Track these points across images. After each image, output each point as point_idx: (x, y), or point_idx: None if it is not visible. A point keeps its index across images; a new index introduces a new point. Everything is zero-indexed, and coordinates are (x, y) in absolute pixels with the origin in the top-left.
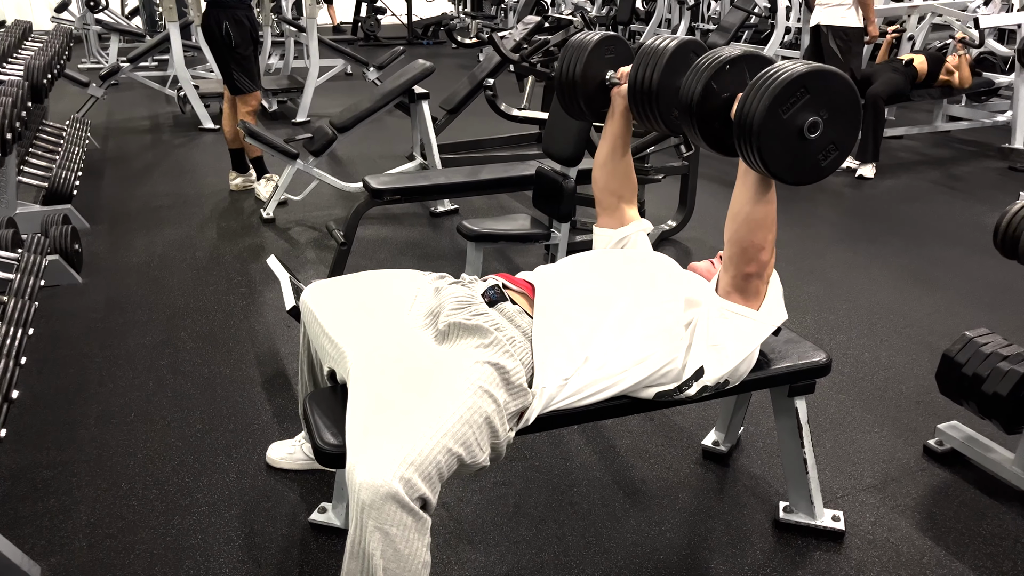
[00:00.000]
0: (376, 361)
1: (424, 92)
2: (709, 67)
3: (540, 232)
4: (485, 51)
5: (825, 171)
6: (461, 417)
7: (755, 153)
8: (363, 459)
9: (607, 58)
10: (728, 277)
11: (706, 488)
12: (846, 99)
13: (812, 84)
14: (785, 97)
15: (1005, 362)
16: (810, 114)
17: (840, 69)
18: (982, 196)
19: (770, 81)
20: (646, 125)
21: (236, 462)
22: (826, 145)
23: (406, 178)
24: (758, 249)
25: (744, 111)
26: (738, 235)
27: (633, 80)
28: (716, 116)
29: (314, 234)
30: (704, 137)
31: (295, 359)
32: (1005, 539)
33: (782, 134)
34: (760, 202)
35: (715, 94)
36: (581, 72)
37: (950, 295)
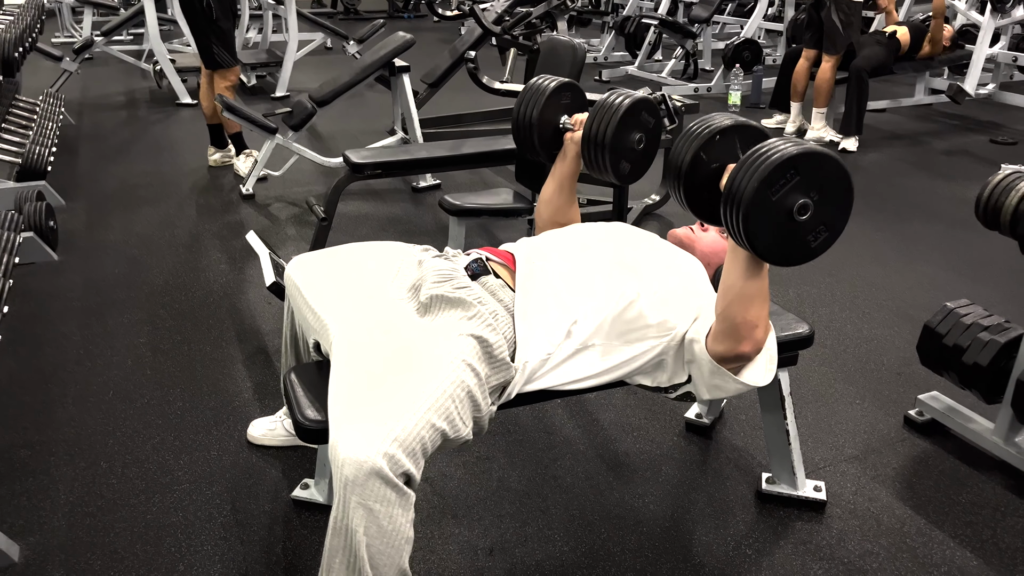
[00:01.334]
0: (358, 334)
1: (405, 65)
2: (699, 136)
3: (523, 206)
4: (467, 24)
5: (815, 252)
6: (445, 391)
7: (743, 233)
8: (346, 435)
9: (563, 103)
10: (720, 349)
11: (689, 461)
12: (838, 180)
13: (803, 166)
14: (775, 179)
15: (985, 332)
16: (800, 196)
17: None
18: (963, 169)
19: (760, 161)
20: (595, 173)
21: (217, 440)
22: (816, 226)
23: (387, 152)
24: (751, 327)
25: (733, 190)
26: (730, 311)
27: (588, 131)
28: (705, 186)
29: (294, 210)
30: (691, 206)
31: (276, 336)
32: (984, 508)
33: (771, 215)
34: (752, 278)
35: (704, 164)
36: (538, 116)
37: (931, 268)
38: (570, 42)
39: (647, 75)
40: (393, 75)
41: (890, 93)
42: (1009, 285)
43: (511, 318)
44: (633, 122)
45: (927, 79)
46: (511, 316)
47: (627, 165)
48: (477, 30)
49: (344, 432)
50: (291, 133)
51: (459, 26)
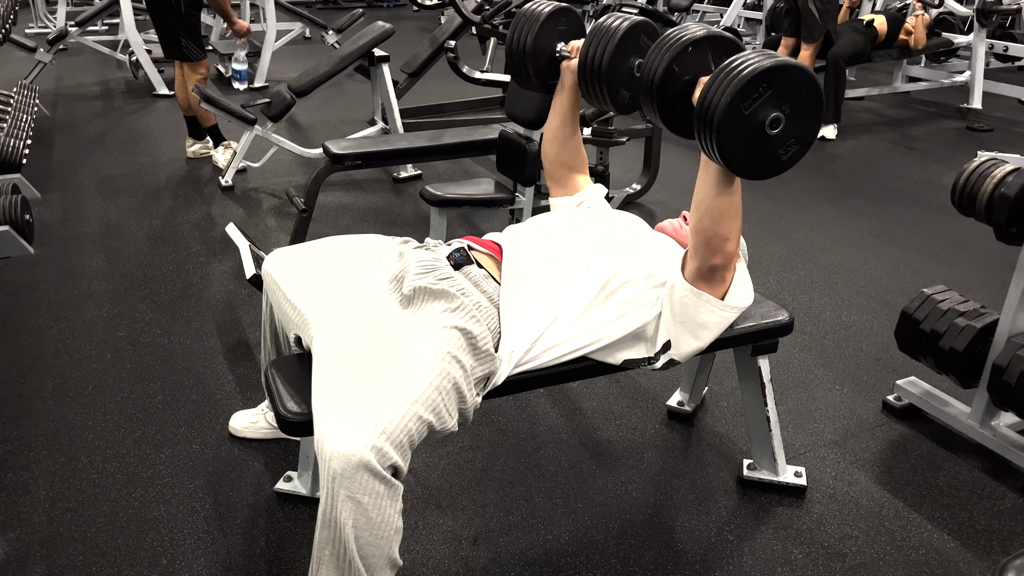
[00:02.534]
0: (340, 327)
1: (384, 55)
2: (671, 48)
3: (504, 196)
4: (447, 13)
5: (785, 165)
6: (431, 383)
7: (715, 147)
8: (333, 428)
9: (559, 30)
10: (694, 266)
11: (671, 448)
12: (809, 94)
13: (775, 79)
14: (747, 93)
15: (962, 318)
16: (772, 110)
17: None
18: (940, 156)
19: (732, 76)
20: (593, 103)
21: (199, 433)
22: (787, 139)
23: (367, 143)
24: (723, 240)
25: (705, 104)
26: (702, 225)
27: (583, 58)
28: (677, 99)
29: (274, 201)
30: (664, 119)
31: (257, 328)
32: (961, 490)
33: (743, 129)
34: (724, 192)
35: (677, 76)
36: (531, 43)
37: (909, 254)
38: None
39: None
40: (373, 65)
41: (868, 81)
42: (984, 270)
43: (495, 309)
44: (631, 46)
45: (904, 67)
46: (495, 307)
47: (626, 93)
48: (457, 20)
49: (330, 425)
50: (270, 124)
51: (438, 15)
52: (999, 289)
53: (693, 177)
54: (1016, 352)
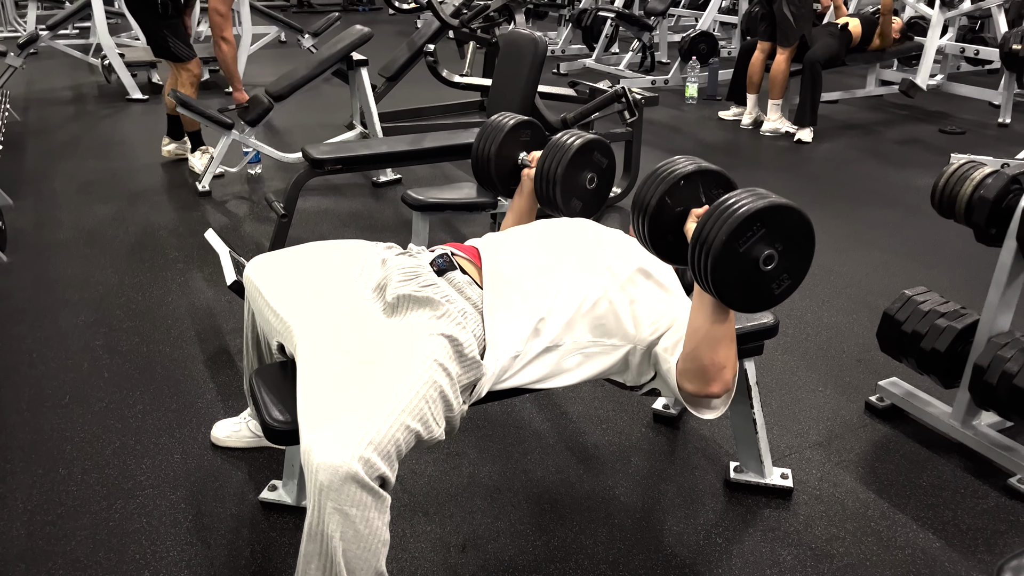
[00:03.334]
0: (325, 335)
1: (363, 59)
2: (664, 180)
3: (487, 200)
4: (423, 17)
5: (777, 299)
6: (417, 392)
7: (710, 282)
8: (320, 439)
9: (521, 141)
10: (689, 388)
11: (658, 451)
12: (801, 232)
13: (768, 219)
14: (742, 231)
15: (943, 319)
16: (766, 247)
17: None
18: (914, 158)
19: (727, 215)
20: (549, 208)
21: (180, 442)
22: (780, 275)
23: (347, 147)
24: (719, 368)
25: (701, 240)
26: (698, 353)
27: (540, 169)
28: (669, 229)
29: (252, 206)
30: (656, 248)
31: (238, 335)
32: (944, 490)
33: (738, 265)
34: (719, 321)
35: (669, 208)
36: (495, 152)
37: (888, 255)
38: (531, 36)
39: (604, 68)
40: (351, 69)
41: (842, 84)
42: (961, 271)
43: (480, 315)
44: (584, 161)
45: (878, 70)
46: (479, 313)
47: (578, 203)
48: (434, 23)
49: (317, 436)
50: (248, 128)
51: (414, 19)
52: (976, 289)
53: None
54: (997, 352)
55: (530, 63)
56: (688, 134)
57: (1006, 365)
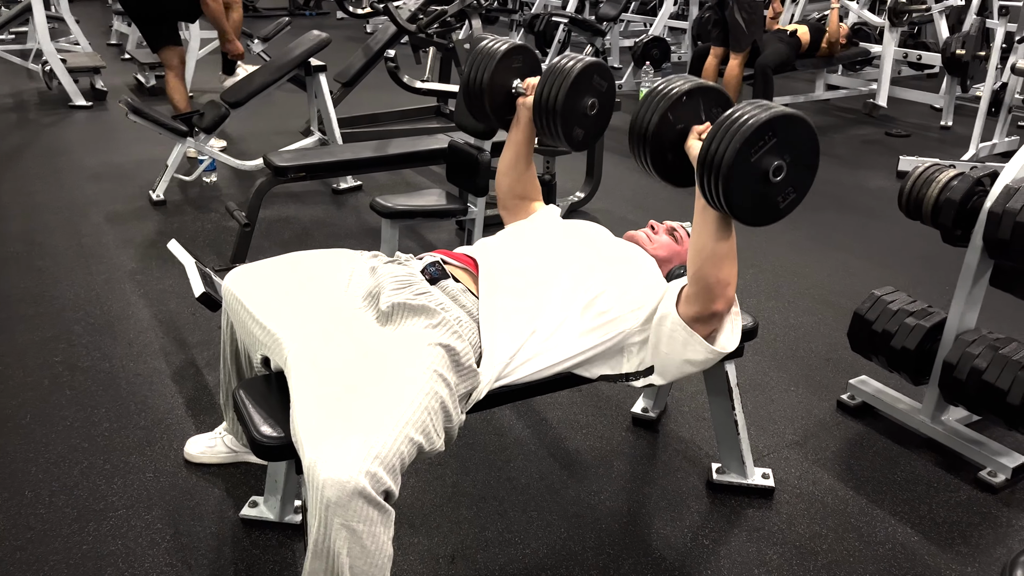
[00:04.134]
0: (318, 347)
1: (321, 64)
2: (666, 98)
3: (457, 207)
4: (372, 22)
5: (783, 212)
6: (420, 404)
7: (720, 194)
8: (325, 454)
9: (515, 67)
10: (693, 310)
11: (639, 455)
12: (808, 144)
13: (780, 128)
14: (754, 140)
15: (911, 318)
16: (775, 158)
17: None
18: (864, 161)
19: (740, 124)
20: (548, 140)
21: (152, 460)
22: (786, 188)
23: (310, 154)
24: (724, 285)
25: (711, 151)
26: (702, 272)
27: (539, 96)
28: (670, 148)
29: (211, 215)
30: (656, 167)
31: (204, 348)
32: (918, 484)
33: (748, 177)
34: (723, 238)
35: (670, 125)
36: (488, 80)
37: (846, 256)
38: None
39: None
40: (309, 75)
41: (791, 89)
42: (919, 270)
43: (475, 324)
44: (585, 86)
45: (825, 76)
46: (475, 322)
47: (580, 131)
48: (390, 28)
49: (322, 451)
50: (203, 136)
51: (363, 24)
52: (933, 288)
53: (633, 184)
54: (965, 350)
55: None
56: None
57: (975, 362)
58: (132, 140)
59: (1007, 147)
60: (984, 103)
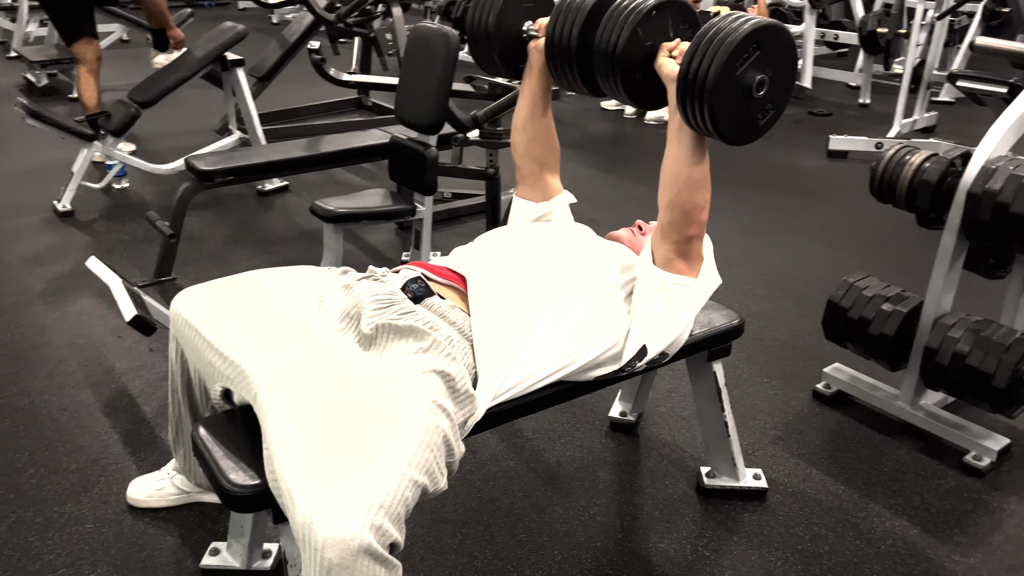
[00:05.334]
0: (294, 379)
1: (239, 58)
2: (635, 12)
3: (405, 207)
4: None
5: (762, 130)
6: (422, 441)
7: (704, 112)
8: (322, 509)
9: (525, 6)
10: (669, 244)
11: (623, 462)
12: (789, 56)
13: (764, 40)
14: (739, 54)
15: (888, 303)
16: (758, 72)
17: None
18: (794, 141)
19: (723, 37)
20: (564, 86)
21: (90, 508)
22: (765, 104)
23: (237, 156)
24: (700, 209)
25: (692, 68)
26: (679, 199)
27: (550, 37)
28: (639, 67)
29: (126, 226)
30: (625, 89)
31: (136, 375)
32: (906, 473)
33: (732, 93)
34: (698, 162)
35: (640, 43)
36: (495, 22)
37: (796, 239)
38: (442, 31)
39: None
40: (226, 70)
41: None
42: (868, 250)
43: (468, 342)
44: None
45: None
46: (467, 340)
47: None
48: (306, 18)
49: (318, 506)
50: (111, 139)
51: (268, 14)
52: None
53: (576, 175)
54: (946, 334)
55: (443, 60)
56: (574, 125)
57: (957, 346)
58: (29, 145)
59: (927, 123)
60: (906, 80)
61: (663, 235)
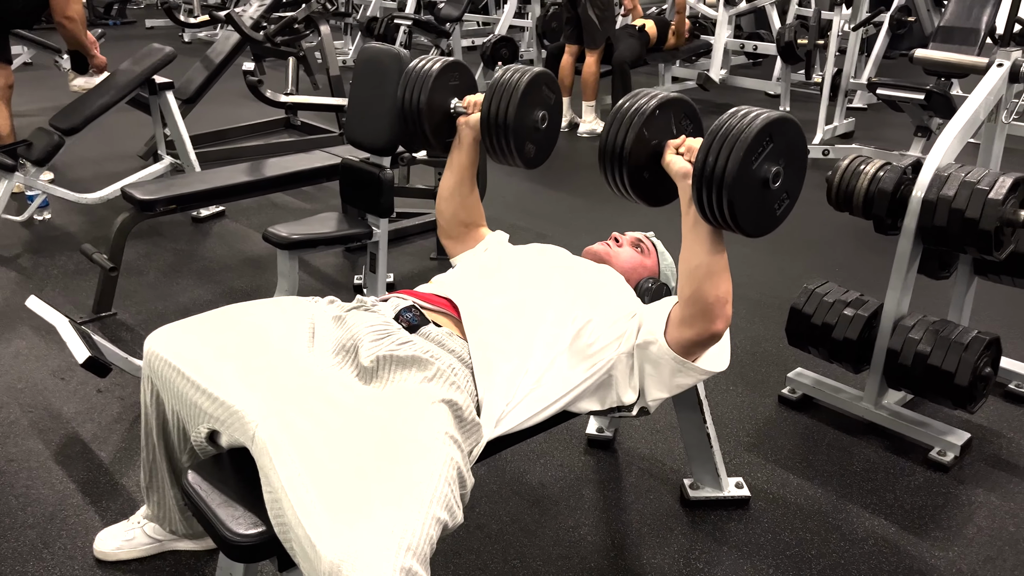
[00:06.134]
0: (297, 418)
1: (168, 81)
2: (639, 114)
3: (363, 231)
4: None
5: (779, 220)
6: (440, 476)
7: (723, 207)
8: (350, 554)
9: (451, 85)
10: (690, 335)
11: (605, 479)
12: (799, 146)
13: (776, 132)
14: (754, 149)
15: (849, 308)
16: (773, 164)
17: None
18: None
19: (736, 133)
20: (498, 159)
21: (55, 566)
22: (781, 194)
23: (177, 183)
24: (723, 303)
25: (708, 164)
26: (701, 292)
27: (486, 113)
28: (647, 166)
29: (55, 259)
30: (634, 189)
31: (86, 418)
32: (877, 472)
33: (750, 187)
34: (717, 253)
35: (645, 143)
36: (426, 101)
37: (739, 246)
38: (394, 51)
39: None
40: (154, 93)
41: (640, 84)
42: (810, 254)
43: (468, 370)
44: (534, 98)
45: (670, 68)
46: (467, 368)
47: (532, 147)
48: (231, 38)
49: (346, 551)
50: (33, 169)
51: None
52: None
53: (518, 190)
54: (907, 335)
55: (396, 82)
56: None
57: (918, 347)
58: None
59: (845, 129)
60: (826, 89)
61: (682, 326)
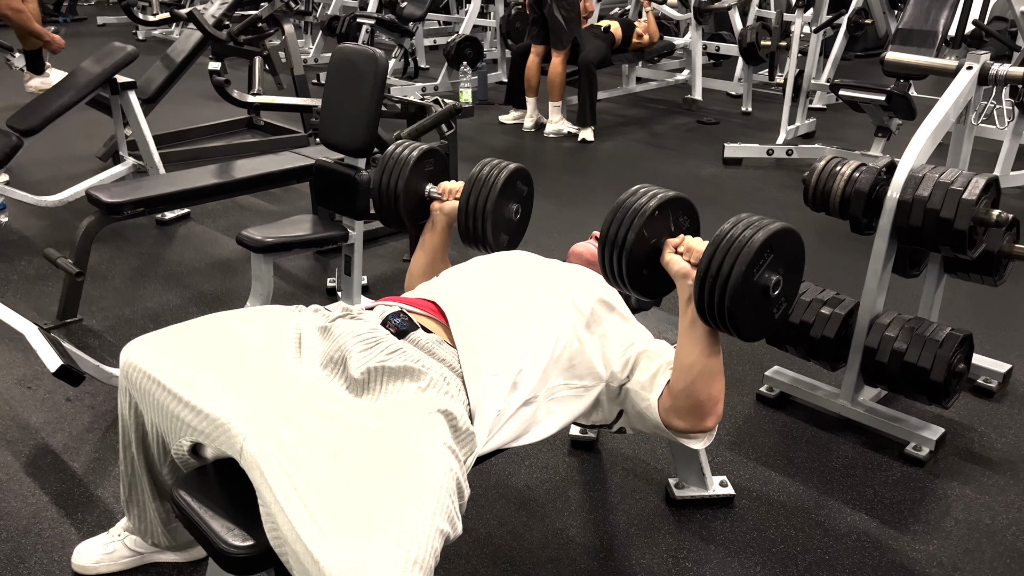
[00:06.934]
0: (287, 428)
1: (130, 81)
2: (639, 214)
3: (339, 233)
4: (144, 29)
5: (777, 323)
6: (441, 487)
7: (725, 315)
8: (355, 570)
9: (426, 171)
10: (682, 426)
11: (590, 480)
12: (797, 255)
13: (776, 244)
14: (756, 261)
15: (826, 307)
16: (773, 273)
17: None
18: (687, 150)
19: (739, 246)
20: (473, 245)
21: None
22: (780, 299)
23: (145, 185)
24: (715, 402)
25: (711, 271)
26: (694, 389)
27: (465, 204)
28: (646, 263)
29: (14, 264)
30: (632, 284)
31: (57, 428)
32: (855, 468)
33: (751, 296)
34: (713, 353)
35: (645, 241)
36: (403, 187)
37: None
38: (370, 52)
39: None
40: (116, 93)
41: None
42: None
43: (459, 379)
44: (510, 192)
45: (634, 69)
46: (458, 376)
47: (505, 237)
48: (193, 37)
49: (352, 566)
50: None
51: (132, 30)
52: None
53: None
54: (883, 333)
55: (371, 82)
56: (475, 140)
57: (894, 344)
58: None
59: (807, 129)
60: (789, 89)
61: (676, 412)
